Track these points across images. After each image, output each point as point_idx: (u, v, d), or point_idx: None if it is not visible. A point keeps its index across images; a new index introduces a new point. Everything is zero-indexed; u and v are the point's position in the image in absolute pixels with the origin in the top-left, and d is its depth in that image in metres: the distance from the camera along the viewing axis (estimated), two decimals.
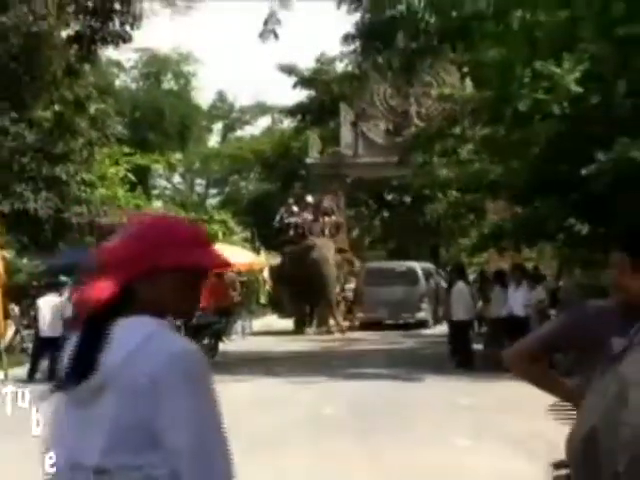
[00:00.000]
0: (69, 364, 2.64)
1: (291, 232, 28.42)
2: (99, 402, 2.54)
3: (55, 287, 19.30)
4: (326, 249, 27.18)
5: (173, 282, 2.66)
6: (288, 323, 28.35)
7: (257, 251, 32.10)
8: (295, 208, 29.08)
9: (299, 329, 27.54)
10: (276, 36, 19.40)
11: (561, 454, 3.80)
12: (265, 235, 34.00)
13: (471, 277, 21.62)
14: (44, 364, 17.77)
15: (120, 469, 2.51)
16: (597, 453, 2.11)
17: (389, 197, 37.79)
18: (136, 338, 2.54)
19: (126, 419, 2.52)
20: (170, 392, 2.49)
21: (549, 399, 3.84)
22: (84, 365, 2.57)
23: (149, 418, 2.49)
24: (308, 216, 28.65)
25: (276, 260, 29.98)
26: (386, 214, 42.35)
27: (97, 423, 2.57)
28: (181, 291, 2.69)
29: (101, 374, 2.53)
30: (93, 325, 2.64)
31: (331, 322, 26.88)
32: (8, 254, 18.23)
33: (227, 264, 3.19)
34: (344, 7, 21.31)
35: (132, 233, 2.73)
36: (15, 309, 19.98)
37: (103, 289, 2.59)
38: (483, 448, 8.58)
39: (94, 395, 2.54)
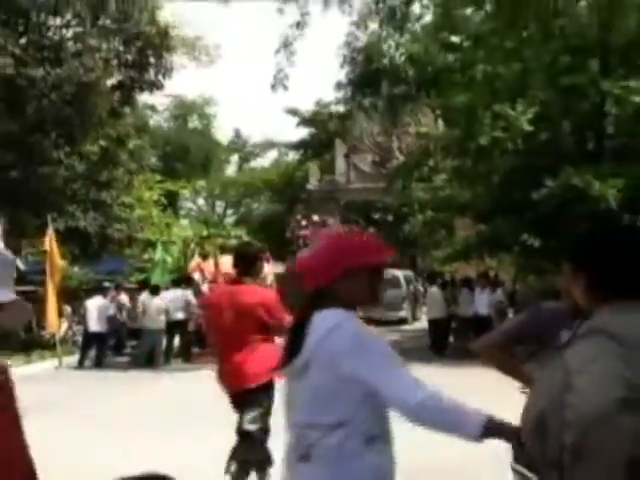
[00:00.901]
0: (286, 348, 2.96)
1: (296, 244, 28.30)
2: (307, 376, 2.81)
3: (100, 290, 19.31)
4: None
5: (359, 280, 2.90)
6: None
7: (267, 261, 31.91)
8: (304, 222, 29.01)
9: None
10: (285, 87, 19.36)
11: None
12: (273, 248, 33.90)
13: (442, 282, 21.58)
14: (91, 354, 17.78)
15: (324, 424, 2.77)
16: (546, 432, 2.10)
17: (375, 216, 37.72)
18: (329, 325, 2.78)
19: (327, 386, 2.77)
20: (354, 360, 2.73)
21: (509, 381, 3.86)
22: (294, 347, 2.86)
23: (343, 383, 2.74)
24: (307, 232, 28.58)
25: (281, 268, 29.80)
26: (373, 230, 42.32)
27: (308, 392, 2.83)
28: (365, 286, 2.94)
29: (305, 354, 2.80)
30: (300, 318, 2.95)
31: None
32: (63, 263, 18.20)
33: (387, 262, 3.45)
34: (338, 60, 21.36)
35: (323, 247, 3.01)
36: (67, 309, 19.94)
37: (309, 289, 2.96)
38: None
39: (303, 369, 2.82)
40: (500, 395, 6.35)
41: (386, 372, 2.72)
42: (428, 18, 19.57)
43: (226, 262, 21.21)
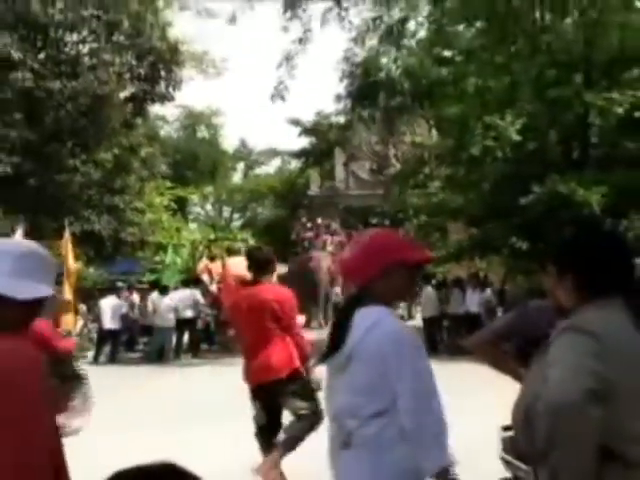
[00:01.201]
0: (328, 342, 2.96)
1: (301, 245, 28.28)
2: (348, 369, 2.83)
3: (114, 290, 19.34)
4: (322, 261, 26.98)
5: (395, 278, 2.88)
6: None
7: None
8: (309, 225, 29.02)
9: None
10: (283, 99, 19.33)
11: (507, 419, 3.81)
12: (276, 250, 33.85)
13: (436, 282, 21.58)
14: (106, 350, 17.79)
15: (363, 414, 2.78)
16: (532, 425, 2.12)
17: (373, 221, 37.65)
18: (368, 322, 2.80)
19: (367, 379, 2.78)
20: (392, 357, 2.73)
21: (498, 376, 3.86)
22: (336, 343, 2.88)
23: (379, 377, 2.75)
24: (312, 234, 28.57)
25: (283, 269, 29.83)
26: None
27: (349, 384, 2.84)
28: (402, 283, 2.93)
29: (347, 349, 2.82)
30: (343, 315, 2.95)
31: (320, 317, 26.66)
32: (78, 265, 18.20)
33: (430, 259, 3.59)
34: (337, 72, 21.38)
35: (362, 247, 2.98)
36: (83, 307, 19.92)
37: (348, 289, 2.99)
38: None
39: (345, 364, 2.84)
40: (489, 388, 6.36)
41: (407, 383, 2.73)
42: (422, 34, 19.61)
43: (233, 264, 21.25)
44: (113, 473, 1.62)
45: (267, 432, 5.96)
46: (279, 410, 5.93)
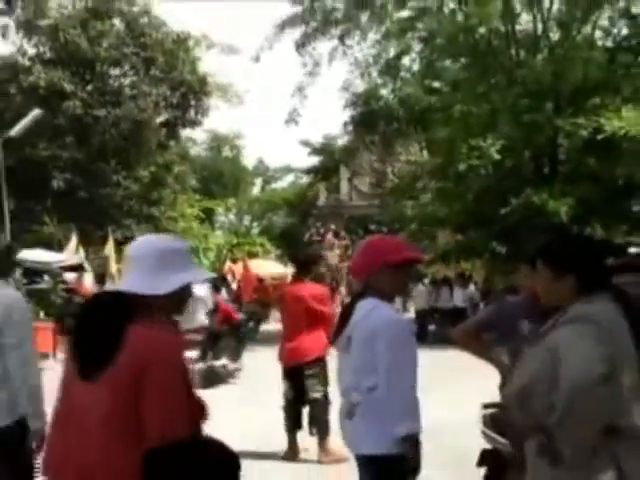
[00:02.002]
0: (336, 328, 3.06)
1: (311, 248, 28.25)
2: (350, 350, 2.90)
3: None
4: (330, 259, 26.88)
5: (391, 275, 2.92)
6: None
7: (285, 264, 31.94)
8: (322, 230, 29.04)
9: None
10: (296, 123, 19.35)
11: (487, 399, 3.82)
12: (290, 253, 33.90)
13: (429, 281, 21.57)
14: None
15: (364, 387, 2.83)
16: (530, 402, 2.14)
17: (372, 228, 37.65)
18: (365, 310, 2.88)
19: (362, 357, 2.84)
20: (381, 340, 2.77)
21: (479, 362, 3.87)
22: (342, 328, 2.96)
23: (372, 355, 2.78)
24: (320, 238, 28.58)
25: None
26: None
27: (351, 363, 2.91)
28: (396, 279, 2.97)
29: (348, 331, 2.92)
30: (347, 306, 3.06)
31: None
32: (120, 266, 18.22)
33: (420, 257, 3.57)
34: (342, 101, 21.43)
35: (361, 251, 3.04)
36: None
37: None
38: (429, 399, 8.57)
39: (347, 345, 2.92)
40: (471, 372, 6.36)
41: (386, 358, 2.75)
42: (415, 68, 19.61)
43: (254, 265, 21.28)
44: None
45: (293, 406, 6.11)
46: (303, 388, 6.03)
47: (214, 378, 9.89)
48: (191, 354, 9.18)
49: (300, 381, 5.98)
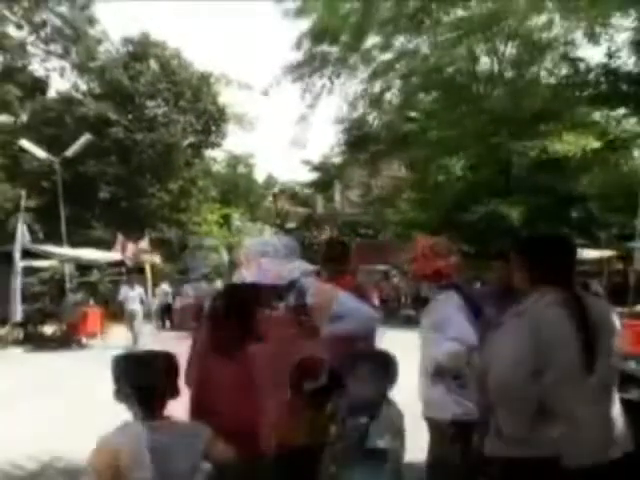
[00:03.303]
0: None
1: (312, 250, 28.22)
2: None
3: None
4: None
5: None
6: None
7: None
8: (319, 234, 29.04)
9: None
10: (300, 146, 19.31)
11: None
12: None
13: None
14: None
15: None
16: (483, 386, 2.00)
17: (361, 232, 37.74)
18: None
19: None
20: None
21: None
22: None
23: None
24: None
25: None
26: (359, 241, 41.98)
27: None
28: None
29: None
30: None
31: None
32: (155, 260, 18.15)
33: None
34: (336, 126, 21.44)
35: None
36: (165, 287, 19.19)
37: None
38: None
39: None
40: None
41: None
42: (396, 100, 19.61)
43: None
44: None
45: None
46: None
47: None
48: None
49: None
